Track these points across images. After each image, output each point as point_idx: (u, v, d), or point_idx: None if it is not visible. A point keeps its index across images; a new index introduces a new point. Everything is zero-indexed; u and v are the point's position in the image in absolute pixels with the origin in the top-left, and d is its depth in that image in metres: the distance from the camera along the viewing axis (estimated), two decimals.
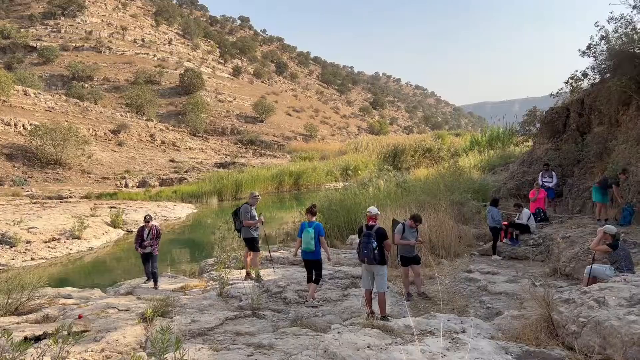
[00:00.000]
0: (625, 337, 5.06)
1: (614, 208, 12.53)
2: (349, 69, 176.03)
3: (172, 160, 42.39)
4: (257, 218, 10.84)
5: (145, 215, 10.96)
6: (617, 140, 14.35)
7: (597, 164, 15.04)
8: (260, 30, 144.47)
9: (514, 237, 12.83)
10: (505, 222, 13.00)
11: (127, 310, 8.46)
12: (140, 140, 45.51)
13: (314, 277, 9.05)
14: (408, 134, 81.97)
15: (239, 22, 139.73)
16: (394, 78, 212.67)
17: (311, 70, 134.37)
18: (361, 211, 15.25)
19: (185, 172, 39.09)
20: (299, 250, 9.24)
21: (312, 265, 9.02)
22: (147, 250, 10.48)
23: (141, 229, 10.66)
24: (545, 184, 15.02)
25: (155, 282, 10.56)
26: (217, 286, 9.77)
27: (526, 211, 13.17)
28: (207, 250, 17.02)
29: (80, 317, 7.70)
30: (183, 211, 26.68)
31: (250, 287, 9.43)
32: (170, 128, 50.87)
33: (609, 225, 8.41)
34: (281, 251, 13.49)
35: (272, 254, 12.56)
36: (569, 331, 5.79)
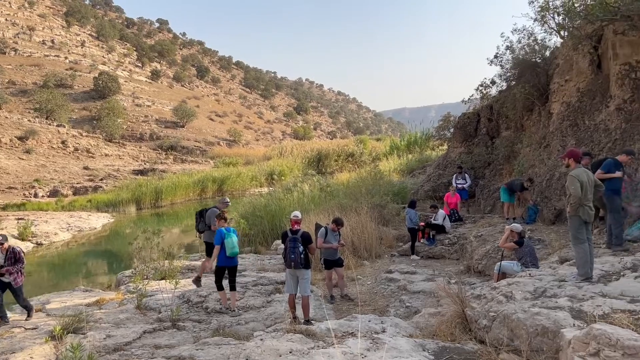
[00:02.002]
0: (530, 329, 5.38)
1: (521, 207, 13.40)
2: (272, 74, 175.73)
3: (86, 168, 40.21)
4: None
5: None
6: (522, 143, 15.38)
7: (506, 166, 16.04)
8: (180, 33, 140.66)
9: (431, 237, 13.38)
10: (423, 223, 13.53)
11: (34, 328, 7.92)
12: (51, 147, 42.81)
13: (230, 283, 8.93)
14: (332, 139, 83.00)
15: (157, 24, 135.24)
16: (317, 84, 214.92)
17: (234, 75, 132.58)
18: (286, 216, 15.27)
19: (101, 180, 37.23)
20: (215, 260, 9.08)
21: (232, 271, 8.94)
22: (6, 280, 8.39)
23: None
24: (459, 185, 15.79)
25: (29, 312, 8.80)
26: (135, 298, 9.38)
27: (441, 212, 13.78)
28: (126, 262, 16.32)
29: None
30: (99, 221, 25.42)
31: (170, 298, 9.14)
32: (84, 134, 48.26)
33: (515, 224, 8.98)
34: (202, 259, 13.16)
35: (193, 262, 12.28)
36: (480, 325, 6.09)
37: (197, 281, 10.34)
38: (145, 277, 10.35)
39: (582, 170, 6.60)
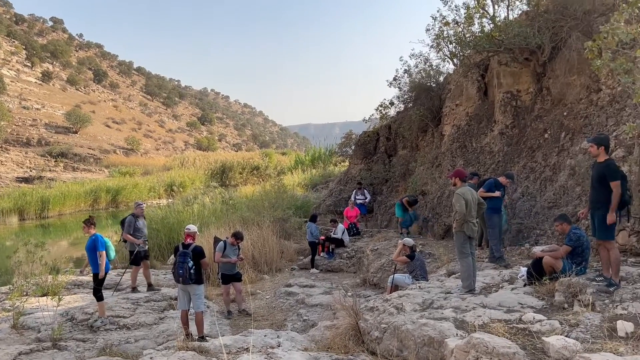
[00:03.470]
0: (418, 339, 5.60)
1: (415, 222, 14.07)
2: (176, 82, 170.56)
3: None
4: (144, 230, 10.42)
5: None
6: (417, 162, 16.23)
7: (401, 183, 16.80)
8: (77, 34, 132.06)
9: (330, 250, 13.64)
10: (323, 237, 13.77)
11: None
12: None
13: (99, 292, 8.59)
14: (237, 151, 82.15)
15: (50, 23, 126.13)
16: (223, 95, 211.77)
17: (134, 81, 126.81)
18: (184, 229, 14.80)
19: None
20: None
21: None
22: None
23: None
24: (358, 201, 16.29)
25: None
26: (11, 317, 8.56)
27: (341, 226, 14.12)
28: (4, 277, 14.88)
29: None
30: None
31: (52, 316, 8.45)
32: None
33: (407, 238, 9.41)
34: (91, 275, 12.33)
35: (81, 277, 11.49)
36: (372, 337, 6.26)
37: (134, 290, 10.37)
38: (24, 293, 9.48)
39: (467, 188, 7.07)
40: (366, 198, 16.65)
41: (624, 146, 7.88)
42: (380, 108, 18.79)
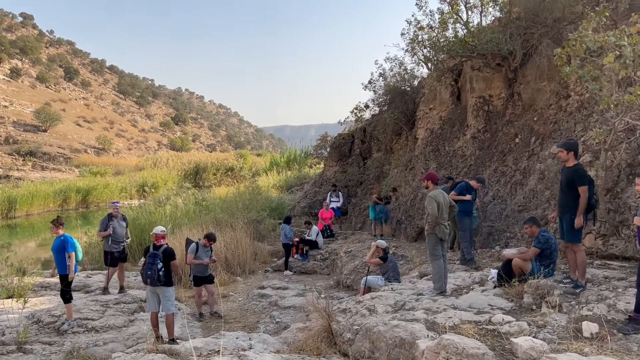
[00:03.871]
0: (390, 341, 5.63)
1: (388, 225, 14.17)
2: (149, 82, 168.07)
3: None
4: (118, 230, 10.14)
5: None
6: (391, 165, 16.36)
7: (376, 185, 16.91)
8: (47, 30, 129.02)
9: (304, 252, 13.63)
10: (297, 239, 13.75)
11: None
12: None
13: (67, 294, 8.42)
14: (211, 152, 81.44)
15: (20, 18, 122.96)
16: (197, 95, 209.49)
17: (106, 79, 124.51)
18: (155, 232, 14.60)
19: None
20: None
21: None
22: None
23: None
24: (333, 203, 16.32)
25: None
26: None
27: (315, 228, 14.13)
28: None
29: None
30: None
31: (17, 319, 8.22)
32: None
33: (380, 240, 9.46)
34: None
35: (48, 279, 11.21)
36: (345, 339, 6.26)
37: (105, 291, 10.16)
38: None
39: (439, 191, 7.15)
40: (340, 200, 16.70)
41: (591, 151, 8.08)
42: (355, 111, 18.90)
